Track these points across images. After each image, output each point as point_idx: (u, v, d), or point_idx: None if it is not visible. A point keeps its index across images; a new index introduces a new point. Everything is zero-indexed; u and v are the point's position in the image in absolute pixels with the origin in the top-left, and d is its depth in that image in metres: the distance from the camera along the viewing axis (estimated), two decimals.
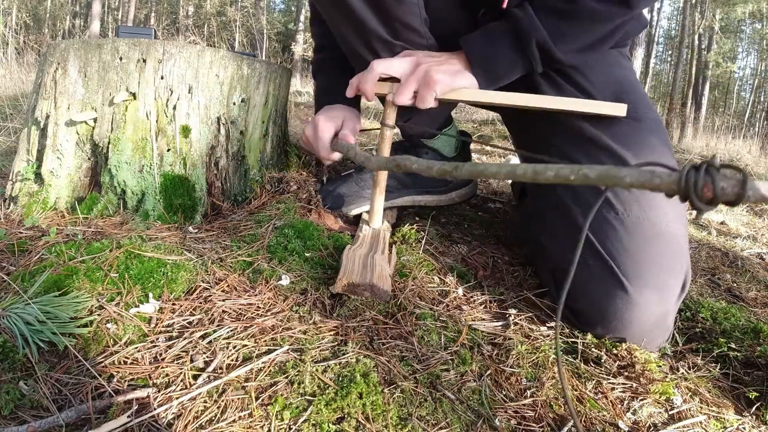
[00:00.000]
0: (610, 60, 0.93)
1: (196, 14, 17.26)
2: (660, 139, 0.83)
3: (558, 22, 0.80)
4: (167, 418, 0.52)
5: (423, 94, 0.82)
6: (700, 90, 13.86)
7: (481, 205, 1.42)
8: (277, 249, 0.86)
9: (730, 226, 1.68)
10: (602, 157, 0.81)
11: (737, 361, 0.74)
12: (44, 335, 0.59)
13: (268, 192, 1.10)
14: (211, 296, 0.72)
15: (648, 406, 0.64)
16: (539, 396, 0.63)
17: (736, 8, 11.69)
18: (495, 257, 1.02)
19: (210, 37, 11.25)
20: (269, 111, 1.10)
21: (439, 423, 0.56)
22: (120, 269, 0.71)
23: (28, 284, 0.67)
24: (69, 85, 0.92)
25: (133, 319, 0.65)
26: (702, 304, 0.88)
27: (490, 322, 0.78)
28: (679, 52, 11.40)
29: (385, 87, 0.85)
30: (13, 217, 0.92)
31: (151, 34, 1.14)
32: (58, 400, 0.54)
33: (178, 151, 0.95)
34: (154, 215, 0.93)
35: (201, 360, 0.61)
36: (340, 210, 1.08)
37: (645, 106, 0.86)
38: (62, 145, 0.93)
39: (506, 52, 0.82)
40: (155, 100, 0.93)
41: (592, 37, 0.83)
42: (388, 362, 0.64)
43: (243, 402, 0.55)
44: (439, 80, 0.80)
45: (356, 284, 0.74)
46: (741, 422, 0.63)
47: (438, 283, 0.87)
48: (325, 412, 0.54)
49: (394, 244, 0.97)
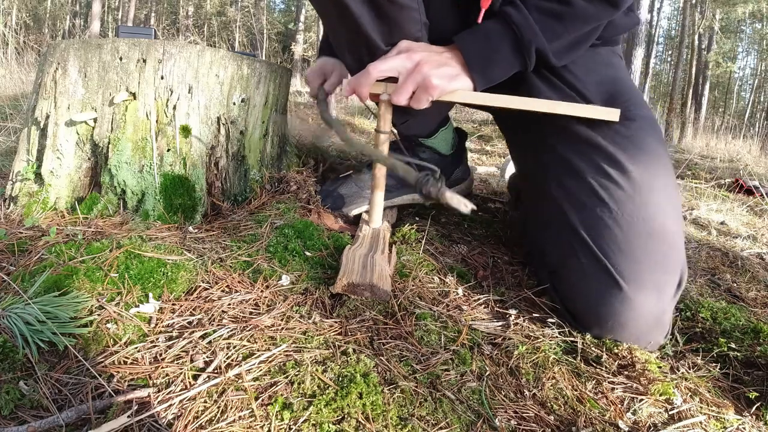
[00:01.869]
0: (603, 60, 0.93)
1: (196, 14, 17.26)
2: (654, 137, 0.83)
3: (553, 24, 0.80)
4: (167, 418, 0.52)
5: (419, 96, 0.81)
6: (700, 90, 13.86)
7: (481, 205, 1.42)
8: (277, 249, 0.86)
9: (730, 226, 1.68)
10: (596, 157, 0.81)
11: (737, 361, 0.74)
12: (44, 335, 0.59)
13: (268, 192, 1.10)
14: (211, 296, 0.72)
15: (648, 406, 0.64)
16: (539, 396, 0.63)
17: (736, 8, 11.69)
18: (495, 257, 1.02)
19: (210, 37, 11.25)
20: (269, 111, 1.11)
21: (439, 423, 0.56)
22: (120, 269, 0.71)
23: (28, 284, 0.67)
24: (69, 85, 0.92)
25: (133, 319, 0.65)
26: (702, 304, 0.88)
27: (490, 322, 0.78)
28: (679, 52, 11.40)
29: (380, 87, 0.85)
30: (13, 217, 0.92)
31: (151, 34, 1.14)
32: (58, 400, 0.54)
33: (178, 151, 0.95)
34: (154, 215, 0.93)
35: (201, 360, 0.61)
36: (339, 210, 1.08)
37: (638, 104, 0.86)
38: (62, 145, 0.93)
39: (505, 57, 0.81)
40: (155, 100, 0.93)
41: (578, 38, 0.83)
42: (388, 362, 0.64)
43: (243, 402, 0.55)
44: (437, 86, 0.79)
45: (356, 284, 0.74)
46: (741, 422, 0.63)
47: (438, 283, 0.87)
48: (325, 412, 0.54)
49: (394, 244, 0.97)
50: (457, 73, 0.81)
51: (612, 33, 0.93)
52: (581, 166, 0.82)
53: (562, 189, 0.84)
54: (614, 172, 0.79)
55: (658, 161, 0.81)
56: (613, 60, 0.95)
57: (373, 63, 0.82)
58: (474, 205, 0.65)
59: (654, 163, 0.80)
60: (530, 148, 0.96)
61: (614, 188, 0.78)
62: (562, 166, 0.85)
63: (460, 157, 1.25)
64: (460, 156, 1.25)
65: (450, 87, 0.81)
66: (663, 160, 0.82)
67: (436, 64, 0.80)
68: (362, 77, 0.83)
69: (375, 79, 0.82)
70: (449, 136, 1.20)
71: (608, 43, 0.95)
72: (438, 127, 1.15)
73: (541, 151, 0.90)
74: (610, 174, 0.79)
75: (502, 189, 1.72)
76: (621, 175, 0.79)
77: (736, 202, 2.14)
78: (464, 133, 1.27)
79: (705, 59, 14.06)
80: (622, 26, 0.93)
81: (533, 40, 0.79)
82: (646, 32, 9.50)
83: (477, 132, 4.29)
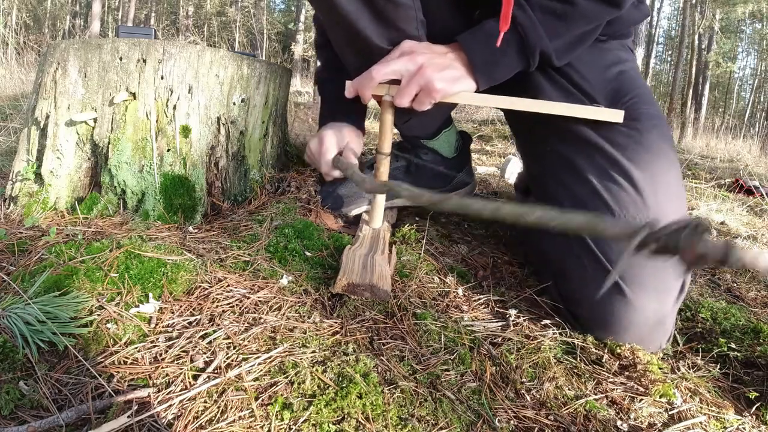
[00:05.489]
0: (611, 55, 0.91)
1: (196, 14, 17.26)
2: (660, 135, 0.81)
3: (555, 23, 0.79)
4: (167, 418, 0.52)
5: (422, 99, 0.81)
6: (700, 90, 13.86)
7: None
8: (277, 249, 0.86)
9: (730, 226, 1.68)
10: (599, 158, 0.81)
11: (737, 361, 0.74)
12: (44, 335, 0.59)
13: (268, 192, 1.10)
14: (211, 296, 0.72)
15: (648, 406, 0.64)
16: (539, 396, 0.63)
17: (736, 8, 11.69)
18: (495, 257, 1.02)
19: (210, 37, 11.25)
20: (269, 111, 1.10)
21: (439, 423, 0.56)
22: (120, 269, 0.71)
23: (28, 284, 0.67)
24: (69, 85, 0.92)
25: (133, 319, 0.65)
26: (702, 304, 0.88)
27: (490, 322, 0.78)
28: (679, 52, 11.40)
29: (383, 89, 0.85)
30: (13, 217, 0.92)
31: (151, 34, 1.14)
32: (58, 400, 0.54)
33: (178, 151, 0.95)
34: (154, 215, 0.93)
35: (201, 360, 0.61)
36: (340, 210, 1.08)
37: (644, 101, 0.84)
38: (62, 145, 0.93)
39: (509, 58, 0.81)
40: (155, 100, 0.93)
41: (579, 36, 0.83)
42: (388, 362, 0.64)
43: (243, 402, 0.55)
44: (440, 89, 0.79)
45: (356, 284, 0.74)
46: (741, 422, 0.63)
47: (438, 283, 0.87)
48: (325, 412, 0.54)
49: (394, 244, 0.97)
50: (461, 74, 0.81)
51: (621, 26, 0.91)
52: (584, 168, 0.81)
53: (564, 190, 0.83)
54: (617, 175, 0.78)
55: (663, 161, 0.79)
56: (621, 55, 0.93)
57: (376, 66, 0.82)
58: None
59: (659, 163, 0.79)
60: (534, 149, 0.96)
61: (617, 190, 0.77)
62: (564, 167, 0.84)
63: (464, 161, 1.23)
64: (464, 160, 1.23)
65: (453, 89, 0.80)
66: (669, 159, 0.80)
67: (440, 67, 0.79)
68: (365, 80, 0.83)
69: (378, 82, 0.82)
70: (452, 138, 1.19)
71: (618, 37, 0.94)
72: (440, 129, 1.15)
73: (545, 152, 0.90)
74: (613, 176, 0.78)
75: (502, 189, 1.72)
76: (624, 177, 0.77)
77: (736, 202, 2.14)
78: (468, 137, 1.25)
79: (705, 59, 14.06)
80: (631, 19, 0.92)
81: (538, 43, 0.79)
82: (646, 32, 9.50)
83: (477, 132, 4.29)
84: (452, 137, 1.19)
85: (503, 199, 1.52)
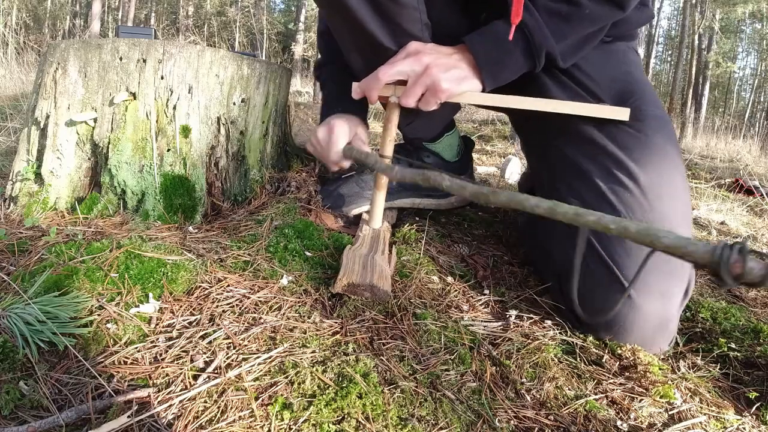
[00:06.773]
0: (616, 56, 0.91)
1: (196, 14, 17.26)
2: (664, 136, 0.81)
3: (560, 25, 0.79)
4: (167, 418, 0.52)
5: (428, 99, 0.81)
6: (700, 90, 13.85)
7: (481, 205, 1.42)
8: (277, 249, 0.86)
9: (730, 226, 1.68)
10: (604, 159, 0.80)
11: (737, 361, 0.74)
12: (44, 335, 0.59)
13: (268, 192, 1.10)
14: (211, 296, 0.72)
15: (648, 406, 0.64)
16: (539, 396, 0.63)
17: (736, 8, 11.69)
18: (495, 257, 1.02)
19: (210, 37, 11.25)
20: (269, 111, 1.10)
21: (439, 423, 0.56)
22: (120, 269, 0.71)
23: (28, 284, 0.67)
24: (69, 85, 0.92)
25: (133, 319, 0.65)
26: (702, 304, 0.88)
27: (490, 322, 0.78)
28: (679, 52, 11.39)
29: (389, 90, 0.85)
30: (13, 217, 0.92)
31: (151, 34, 1.14)
32: (58, 400, 0.54)
33: (178, 151, 0.95)
34: (154, 215, 0.93)
35: (201, 360, 0.61)
36: (340, 210, 1.08)
37: (649, 103, 0.84)
38: (62, 145, 0.93)
39: (516, 59, 0.81)
40: (155, 100, 0.93)
41: (584, 38, 0.83)
42: (388, 362, 0.64)
43: (243, 402, 0.55)
44: (446, 89, 0.79)
45: (356, 284, 0.74)
46: (741, 422, 0.63)
47: (438, 283, 0.87)
48: (325, 412, 0.54)
49: (394, 244, 0.97)
50: (466, 75, 0.81)
51: (626, 28, 0.92)
52: (589, 169, 0.81)
53: (570, 191, 0.83)
54: (623, 176, 0.78)
55: (668, 163, 0.79)
56: (627, 56, 0.93)
57: (383, 67, 0.82)
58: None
59: (664, 165, 0.79)
60: (539, 149, 0.95)
61: (623, 192, 0.77)
62: (570, 167, 0.84)
63: (466, 165, 1.22)
64: (466, 164, 1.22)
65: (459, 90, 0.80)
66: (673, 161, 0.80)
67: (446, 67, 0.80)
68: (372, 81, 0.83)
69: (384, 83, 0.82)
70: (454, 142, 1.18)
71: (623, 38, 0.94)
72: (443, 132, 1.14)
73: (549, 152, 0.90)
74: (618, 177, 0.78)
75: (502, 189, 1.72)
76: (629, 178, 0.77)
77: (736, 202, 2.14)
78: (471, 142, 1.25)
79: (705, 59, 14.06)
80: (636, 21, 0.92)
81: (544, 44, 0.79)
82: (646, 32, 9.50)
83: (477, 132, 4.29)
84: (455, 141, 1.19)
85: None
